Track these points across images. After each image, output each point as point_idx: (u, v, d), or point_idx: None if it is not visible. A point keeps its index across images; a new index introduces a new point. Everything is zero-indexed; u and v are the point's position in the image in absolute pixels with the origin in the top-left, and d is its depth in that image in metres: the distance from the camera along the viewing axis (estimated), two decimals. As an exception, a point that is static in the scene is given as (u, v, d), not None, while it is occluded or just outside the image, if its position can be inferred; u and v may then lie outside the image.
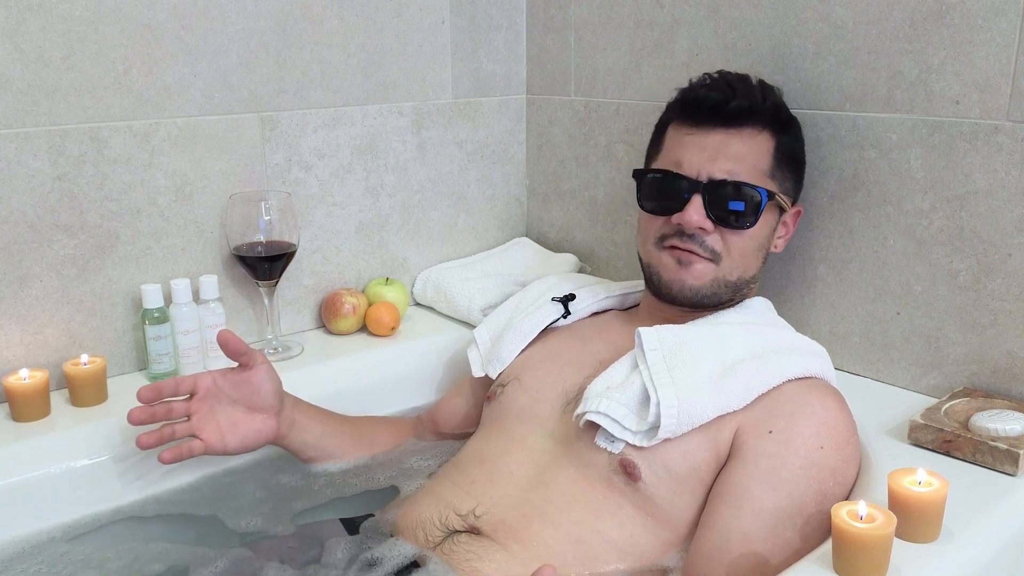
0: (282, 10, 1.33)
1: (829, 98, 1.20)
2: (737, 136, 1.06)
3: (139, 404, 1.02)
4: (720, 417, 0.94)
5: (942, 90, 1.09)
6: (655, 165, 1.12)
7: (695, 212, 1.04)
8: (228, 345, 1.05)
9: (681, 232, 1.06)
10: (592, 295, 1.22)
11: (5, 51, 1.11)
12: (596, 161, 1.55)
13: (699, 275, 1.06)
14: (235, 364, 1.08)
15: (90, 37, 1.17)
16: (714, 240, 1.05)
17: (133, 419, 1.01)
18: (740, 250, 1.06)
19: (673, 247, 1.07)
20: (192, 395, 1.06)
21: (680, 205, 1.05)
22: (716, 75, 1.13)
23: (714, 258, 1.06)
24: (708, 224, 1.04)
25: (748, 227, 1.05)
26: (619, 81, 1.48)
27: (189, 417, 1.05)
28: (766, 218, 1.07)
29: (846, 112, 1.18)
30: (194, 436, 1.05)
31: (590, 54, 1.52)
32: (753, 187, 1.04)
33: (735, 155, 1.05)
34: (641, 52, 1.44)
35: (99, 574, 0.99)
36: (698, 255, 1.06)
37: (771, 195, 1.06)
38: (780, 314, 1.14)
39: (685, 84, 1.14)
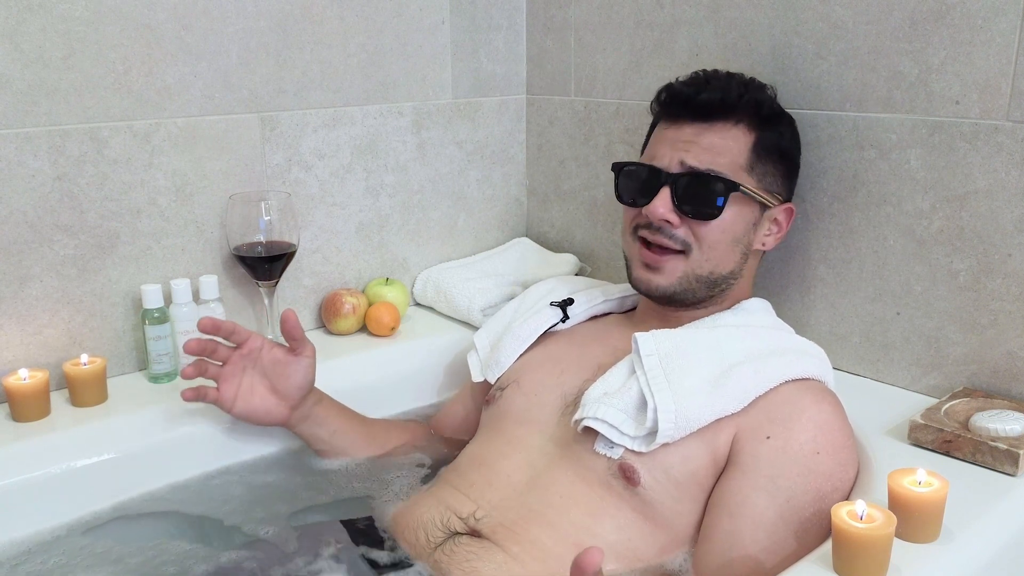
0: (282, 10, 1.33)
1: (829, 98, 1.20)
2: (710, 129, 1.07)
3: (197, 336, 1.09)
4: (718, 420, 0.94)
5: (942, 90, 1.09)
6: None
7: (661, 204, 1.05)
8: (287, 323, 1.09)
9: (651, 223, 1.07)
10: (590, 299, 1.22)
11: (5, 51, 1.11)
12: (596, 161, 1.55)
13: (668, 274, 1.07)
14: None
15: (90, 37, 1.17)
16: (684, 232, 1.06)
17: (189, 348, 1.07)
18: (711, 242, 1.06)
19: (643, 239, 1.08)
20: (238, 347, 1.10)
21: (650, 197, 1.06)
22: (699, 72, 1.14)
23: (685, 249, 1.06)
24: (674, 217, 1.05)
25: (712, 218, 1.05)
26: (619, 81, 1.48)
27: (223, 363, 1.10)
28: (738, 211, 1.06)
29: (846, 112, 1.18)
30: (216, 383, 1.10)
31: (590, 54, 1.52)
32: (719, 178, 1.04)
33: (707, 147, 1.06)
34: (641, 52, 1.44)
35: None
36: (668, 248, 1.06)
37: (738, 186, 1.05)
38: (780, 314, 1.14)
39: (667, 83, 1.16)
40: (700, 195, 1.05)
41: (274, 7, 1.32)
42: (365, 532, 1.04)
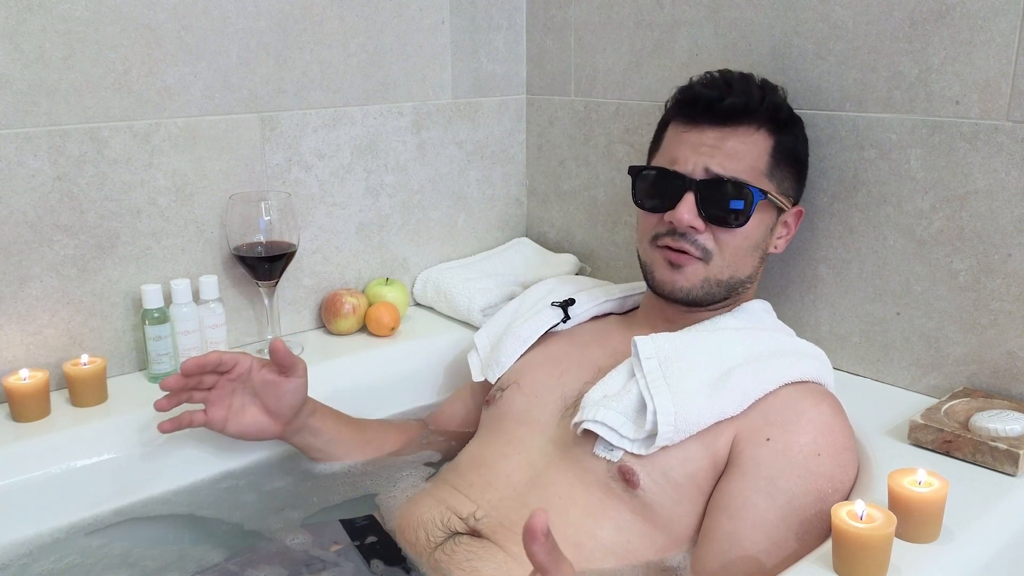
0: (282, 10, 1.33)
1: (829, 98, 1.20)
2: (733, 134, 1.06)
3: (177, 374, 1.04)
4: (717, 423, 0.94)
5: (942, 90, 1.09)
6: (653, 163, 1.12)
7: (686, 211, 1.03)
8: (276, 353, 1.06)
9: (673, 231, 1.05)
10: (591, 299, 1.22)
11: (5, 51, 1.11)
12: (596, 161, 1.55)
13: (690, 276, 1.06)
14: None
15: (90, 37, 1.17)
16: (706, 239, 1.05)
17: (167, 386, 1.03)
18: (733, 249, 1.05)
19: (666, 247, 1.06)
20: (226, 372, 1.07)
21: (673, 203, 1.04)
22: (717, 73, 1.12)
23: (705, 257, 1.05)
24: (699, 223, 1.03)
25: (740, 226, 1.04)
26: (619, 81, 1.48)
27: (210, 388, 1.07)
28: (760, 217, 1.06)
29: (846, 112, 1.18)
30: (203, 405, 1.08)
31: (590, 54, 1.52)
32: (746, 185, 1.03)
33: (730, 153, 1.05)
34: (641, 52, 1.44)
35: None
36: (689, 254, 1.05)
37: (764, 194, 1.05)
38: (780, 315, 1.14)
39: (685, 84, 1.14)
40: (727, 203, 1.03)
41: (274, 7, 1.32)
42: (365, 531, 1.04)
